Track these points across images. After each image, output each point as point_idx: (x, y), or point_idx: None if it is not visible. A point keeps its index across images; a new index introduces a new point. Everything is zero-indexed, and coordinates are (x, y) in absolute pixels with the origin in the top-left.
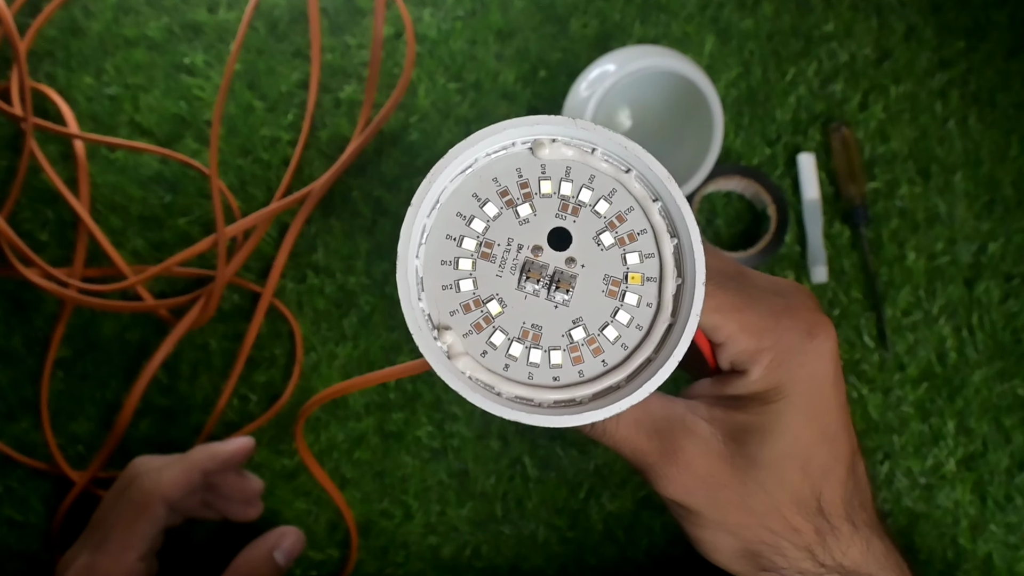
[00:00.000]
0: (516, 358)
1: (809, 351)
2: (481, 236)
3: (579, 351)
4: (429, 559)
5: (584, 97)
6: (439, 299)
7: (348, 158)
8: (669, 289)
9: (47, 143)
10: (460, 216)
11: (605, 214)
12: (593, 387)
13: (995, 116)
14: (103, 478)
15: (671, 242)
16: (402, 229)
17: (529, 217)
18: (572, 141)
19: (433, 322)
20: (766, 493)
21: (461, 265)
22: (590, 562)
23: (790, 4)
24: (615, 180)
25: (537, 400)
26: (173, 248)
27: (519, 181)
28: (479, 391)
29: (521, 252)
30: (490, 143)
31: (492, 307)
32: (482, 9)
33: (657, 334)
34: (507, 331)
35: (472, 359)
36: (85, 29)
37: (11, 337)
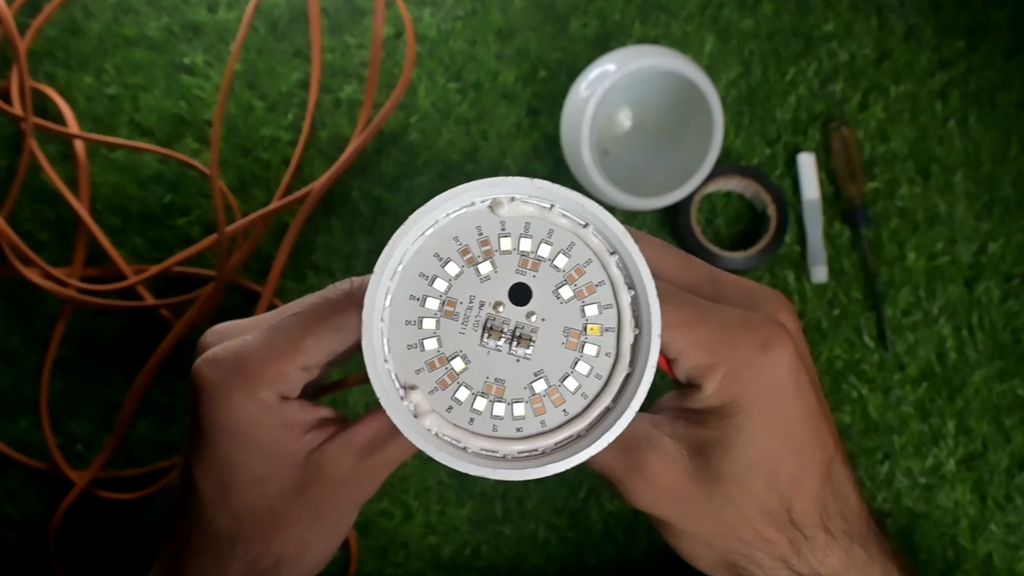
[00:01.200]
0: (480, 412)
1: (763, 364)
2: (444, 295)
3: (541, 402)
4: (429, 559)
5: (584, 97)
6: (404, 358)
7: (348, 158)
8: (627, 339)
9: (47, 143)
10: (423, 276)
11: (564, 268)
12: (555, 436)
13: (995, 116)
14: (103, 478)
15: (628, 293)
16: (366, 296)
17: (490, 274)
18: (530, 199)
19: (399, 381)
20: (734, 506)
21: (425, 324)
22: (590, 562)
23: (790, 4)
24: (573, 234)
25: (502, 452)
26: (173, 248)
27: (479, 239)
28: (445, 448)
29: (483, 309)
30: (450, 205)
31: (456, 364)
32: (482, 9)
33: (616, 383)
34: (471, 386)
35: (438, 415)
36: (85, 29)
37: (11, 337)
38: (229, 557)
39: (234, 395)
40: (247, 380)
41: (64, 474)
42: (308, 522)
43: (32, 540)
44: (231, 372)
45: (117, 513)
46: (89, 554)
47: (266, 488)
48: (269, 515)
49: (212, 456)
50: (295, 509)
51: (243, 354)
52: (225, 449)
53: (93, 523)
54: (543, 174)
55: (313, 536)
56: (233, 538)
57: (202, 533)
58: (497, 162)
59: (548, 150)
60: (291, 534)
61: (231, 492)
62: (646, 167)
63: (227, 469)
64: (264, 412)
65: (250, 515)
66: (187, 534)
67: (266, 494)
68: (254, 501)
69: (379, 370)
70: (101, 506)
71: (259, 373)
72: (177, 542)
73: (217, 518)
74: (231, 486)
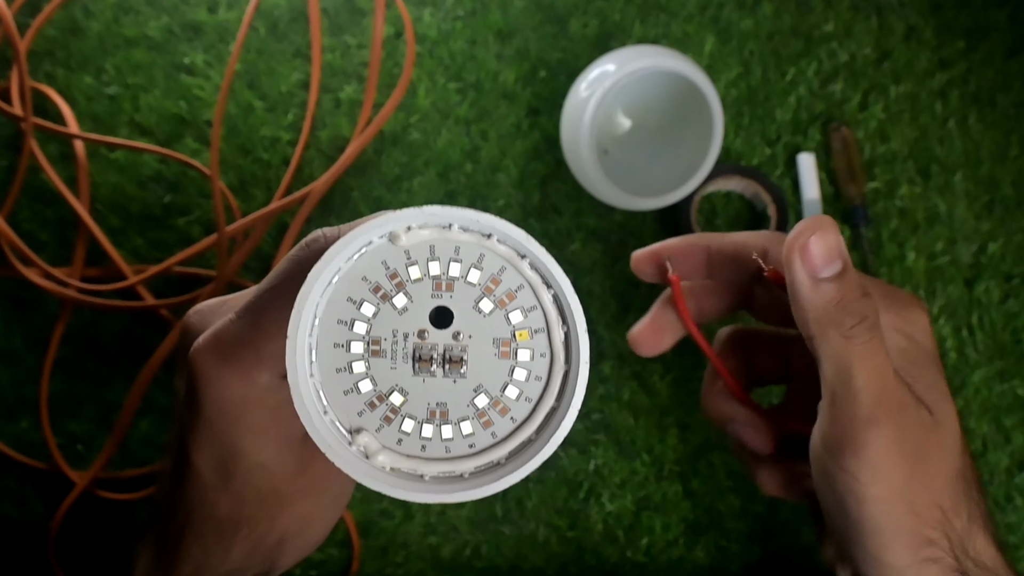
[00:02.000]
0: (430, 438)
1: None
2: (366, 336)
3: (487, 415)
4: (429, 559)
5: (584, 97)
6: (343, 405)
7: (348, 158)
8: (557, 337)
9: (47, 143)
10: (341, 323)
11: (479, 281)
12: (508, 445)
13: (995, 116)
14: (103, 478)
15: (548, 292)
16: (286, 360)
17: (407, 305)
18: (427, 224)
19: (344, 427)
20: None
21: (355, 369)
22: (590, 562)
23: (790, 4)
24: (480, 246)
25: (459, 471)
26: (173, 248)
27: (388, 273)
28: (402, 483)
29: (408, 340)
30: (350, 250)
31: (395, 399)
32: (482, 9)
33: (556, 382)
34: (415, 416)
35: (390, 451)
36: (85, 29)
37: (11, 337)
38: (232, 538)
39: (233, 381)
40: (244, 365)
41: (64, 474)
42: (311, 498)
43: (32, 540)
44: (228, 358)
45: (117, 513)
46: (89, 554)
47: (270, 471)
48: (273, 496)
49: (214, 442)
50: (298, 487)
51: (237, 339)
52: (227, 434)
53: (93, 523)
54: (543, 174)
55: (315, 511)
56: (236, 520)
57: (203, 516)
58: (497, 162)
59: (548, 150)
60: (294, 512)
61: (235, 476)
62: (646, 167)
63: (230, 454)
64: (264, 394)
65: (255, 497)
66: (185, 518)
67: (270, 476)
68: (259, 483)
69: (317, 426)
70: (101, 506)
71: (255, 356)
72: (173, 526)
73: (220, 501)
74: (235, 470)
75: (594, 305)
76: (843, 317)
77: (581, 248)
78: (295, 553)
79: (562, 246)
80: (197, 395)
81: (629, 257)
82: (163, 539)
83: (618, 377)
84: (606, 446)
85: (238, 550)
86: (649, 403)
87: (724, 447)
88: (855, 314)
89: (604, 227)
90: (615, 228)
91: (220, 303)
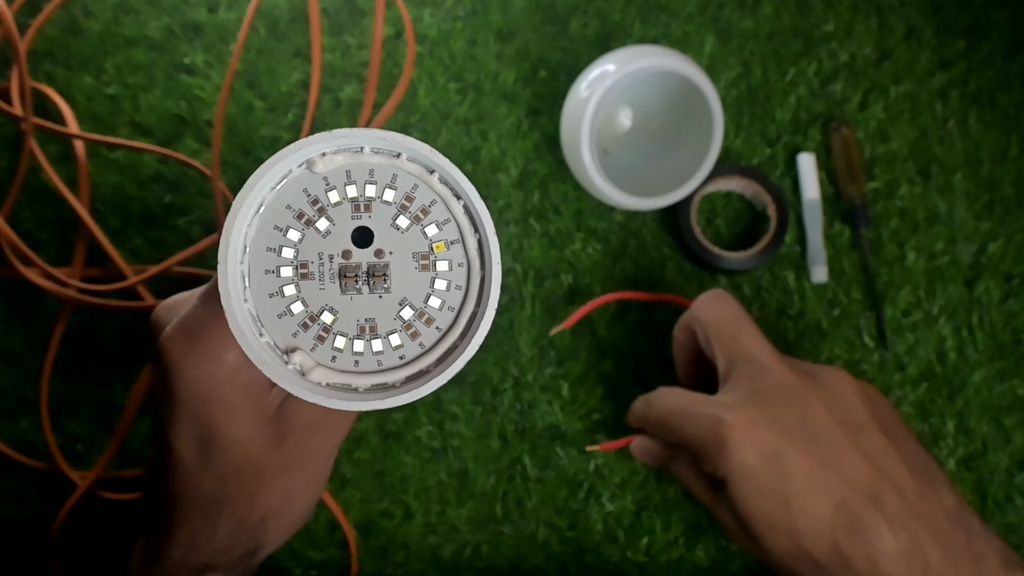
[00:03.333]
0: (362, 353)
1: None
2: (294, 260)
3: (413, 327)
4: (429, 559)
5: (584, 97)
6: (278, 327)
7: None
8: (472, 245)
9: (47, 143)
10: (270, 250)
11: (394, 200)
12: (435, 354)
13: (995, 116)
14: (105, 479)
15: (459, 204)
16: (219, 284)
17: (329, 228)
18: (340, 149)
19: (280, 348)
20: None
21: (286, 292)
22: (590, 562)
23: (790, 4)
24: (392, 167)
25: (391, 381)
26: (173, 248)
27: (309, 200)
28: (336, 395)
29: (333, 261)
30: (269, 179)
31: (326, 318)
32: (482, 9)
33: (475, 288)
34: (346, 333)
35: (324, 368)
36: (85, 29)
37: (11, 337)
38: (217, 518)
39: (201, 362)
40: (210, 346)
41: (64, 474)
42: (289, 474)
43: (32, 540)
44: (195, 341)
45: (116, 513)
46: (89, 554)
47: (247, 447)
48: (252, 472)
49: (190, 424)
50: (276, 462)
51: (202, 322)
52: (202, 414)
53: (93, 523)
54: (543, 174)
55: (295, 486)
56: (220, 499)
57: (187, 499)
58: (497, 162)
59: (548, 150)
60: (275, 487)
61: (213, 455)
62: (646, 167)
63: (207, 433)
64: (233, 373)
65: (235, 475)
66: (172, 503)
67: (247, 453)
68: (237, 461)
69: (252, 346)
70: (101, 506)
71: (219, 336)
72: (162, 512)
73: (202, 482)
74: (213, 449)
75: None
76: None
77: (581, 248)
78: (279, 531)
79: (562, 246)
80: (170, 380)
81: (629, 257)
82: (153, 526)
83: (618, 376)
84: None
85: (223, 529)
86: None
87: None
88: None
89: (604, 227)
90: (615, 228)
91: (186, 296)
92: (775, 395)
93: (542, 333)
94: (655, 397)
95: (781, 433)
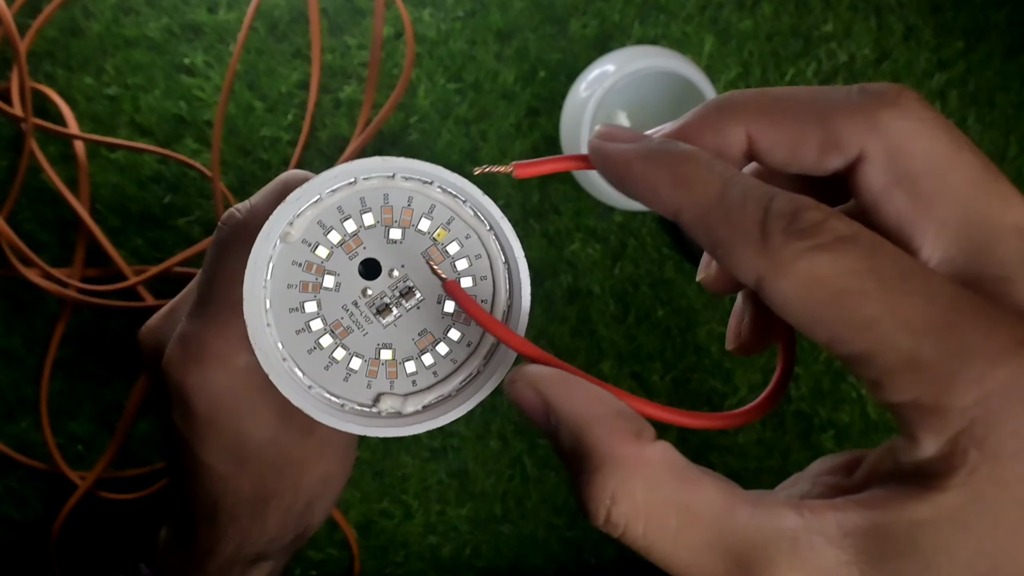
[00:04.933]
0: (416, 371)
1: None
2: (326, 326)
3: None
4: (429, 559)
5: (583, 97)
6: (350, 388)
7: (348, 158)
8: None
9: (47, 143)
10: (302, 331)
11: (377, 220)
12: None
13: (994, 116)
14: (105, 479)
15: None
16: (255, 347)
17: (338, 281)
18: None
19: (367, 401)
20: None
21: (338, 356)
22: (590, 562)
23: (789, 4)
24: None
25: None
26: (173, 248)
27: (313, 264)
28: (431, 414)
29: (359, 305)
30: (262, 257)
31: (385, 354)
32: (482, 9)
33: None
34: (411, 355)
35: (415, 395)
36: (85, 29)
37: (11, 337)
38: (264, 513)
39: (214, 376)
40: (218, 358)
41: (64, 474)
42: (326, 456)
43: (32, 540)
44: (201, 358)
45: (116, 513)
46: (88, 554)
47: (279, 444)
48: (290, 465)
49: (217, 437)
50: (311, 450)
51: (201, 337)
52: (229, 426)
53: (93, 523)
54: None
55: (333, 466)
56: (264, 496)
57: (230, 503)
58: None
59: (548, 150)
60: (315, 473)
61: (248, 459)
62: None
63: (236, 442)
64: (248, 377)
65: (273, 471)
66: (212, 506)
67: (280, 448)
68: (272, 458)
69: (340, 419)
70: (101, 506)
71: (225, 344)
72: (201, 516)
73: (241, 485)
74: (246, 454)
75: (594, 305)
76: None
77: (581, 248)
78: (324, 510)
79: (562, 246)
80: (187, 400)
81: (629, 257)
82: (192, 525)
83: (618, 376)
84: None
85: (272, 521)
86: None
87: (724, 447)
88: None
89: (604, 227)
90: (615, 228)
91: (166, 314)
92: None
93: (542, 333)
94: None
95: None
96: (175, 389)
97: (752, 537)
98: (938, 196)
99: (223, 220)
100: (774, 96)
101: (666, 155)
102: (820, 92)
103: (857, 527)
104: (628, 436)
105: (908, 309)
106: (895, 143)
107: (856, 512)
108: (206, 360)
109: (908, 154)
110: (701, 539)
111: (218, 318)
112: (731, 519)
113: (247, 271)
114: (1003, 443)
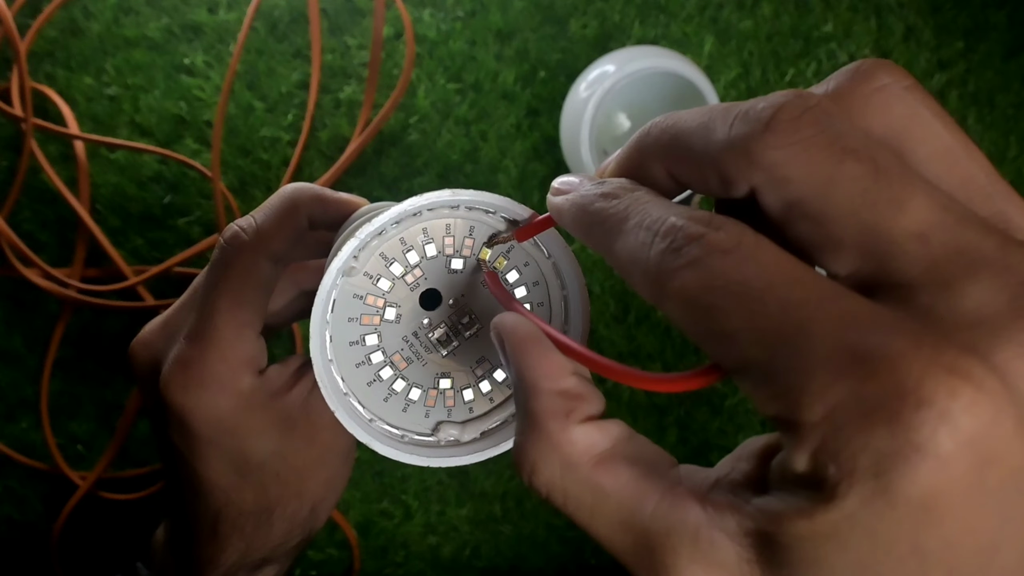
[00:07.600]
0: (473, 399)
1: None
2: (387, 358)
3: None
4: (429, 559)
5: (583, 98)
6: (409, 419)
7: (348, 158)
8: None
9: (47, 143)
10: (362, 364)
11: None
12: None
13: (994, 116)
14: (105, 479)
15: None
16: (357, 440)
17: (399, 313)
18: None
19: (427, 431)
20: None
21: (406, 393)
22: (590, 562)
23: (789, 5)
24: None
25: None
26: (173, 248)
27: (375, 297)
28: (488, 441)
29: (419, 336)
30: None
31: (443, 383)
32: (482, 9)
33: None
34: (468, 383)
35: (473, 422)
36: (85, 29)
37: (11, 337)
38: (269, 521)
39: (216, 399)
40: (218, 381)
41: (64, 474)
42: (328, 463)
43: (32, 540)
44: (202, 381)
45: (116, 513)
46: (88, 554)
47: (282, 456)
48: (293, 474)
49: (219, 455)
50: (313, 458)
51: (201, 360)
52: (230, 445)
53: (93, 523)
54: (543, 175)
55: (335, 471)
56: (268, 507)
57: (233, 514)
58: (497, 163)
59: (548, 151)
60: (318, 479)
61: (251, 473)
62: None
63: (239, 458)
64: (249, 398)
65: (276, 481)
66: (215, 517)
67: (283, 460)
68: (276, 469)
69: (403, 451)
70: (102, 507)
71: (225, 370)
72: (203, 526)
73: (244, 497)
74: (248, 468)
75: (594, 305)
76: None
77: (581, 248)
78: (327, 512)
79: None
80: (187, 421)
81: None
82: (192, 534)
83: None
84: None
85: (277, 529)
86: (648, 403)
87: (724, 447)
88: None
89: None
90: None
91: (160, 328)
92: None
93: None
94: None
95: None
96: (174, 411)
97: (657, 527)
98: (826, 217)
99: (226, 240)
100: (674, 134)
101: (582, 202)
102: (709, 126)
103: (752, 531)
104: (559, 414)
105: (763, 321)
106: (775, 175)
107: (750, 519)
108: (208, 384)
109: (789, 181)
110: (614, 520)
111: (220, 342)
112: (639, 508)
113: (314, 310)
114: (855, 459)
